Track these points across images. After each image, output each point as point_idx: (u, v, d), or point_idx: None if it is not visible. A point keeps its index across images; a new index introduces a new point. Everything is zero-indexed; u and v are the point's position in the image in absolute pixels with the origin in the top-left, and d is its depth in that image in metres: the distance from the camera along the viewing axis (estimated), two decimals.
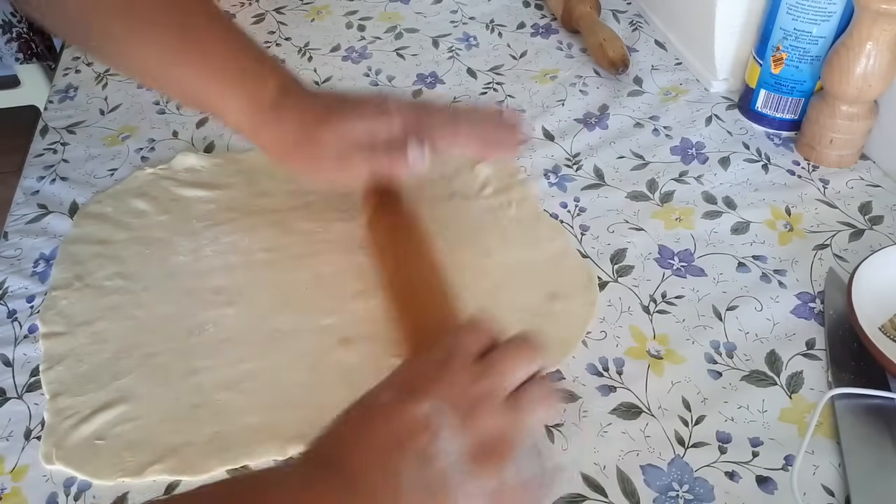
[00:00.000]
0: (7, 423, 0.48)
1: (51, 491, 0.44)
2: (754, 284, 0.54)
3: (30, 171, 0.66)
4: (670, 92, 0.72)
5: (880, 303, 0.50)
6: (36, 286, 0.56)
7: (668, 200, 0.61)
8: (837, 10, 0.59)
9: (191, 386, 0.49)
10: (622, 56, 0.73)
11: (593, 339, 0.51)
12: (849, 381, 0.47)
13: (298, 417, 0.46)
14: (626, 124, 0.69)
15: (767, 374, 0.49)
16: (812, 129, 0.63)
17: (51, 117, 0.72)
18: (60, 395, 0.48)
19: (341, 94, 0.51)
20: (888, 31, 0.56)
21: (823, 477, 0.43)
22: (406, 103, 0.51)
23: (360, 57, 0.79)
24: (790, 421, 0.46)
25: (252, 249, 0.57)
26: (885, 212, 0.59)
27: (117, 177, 0.65)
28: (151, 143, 0.69)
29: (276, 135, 0.50)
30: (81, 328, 0.52)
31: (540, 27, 0.82)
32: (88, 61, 0.79)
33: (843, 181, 0.62)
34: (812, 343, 0.50)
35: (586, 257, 0.57)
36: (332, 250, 0.57)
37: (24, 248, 0.59)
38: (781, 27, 0.62)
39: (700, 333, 0.51)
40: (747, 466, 0.44)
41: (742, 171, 0.64)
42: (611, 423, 0.46)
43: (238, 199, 0.61)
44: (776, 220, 0.59)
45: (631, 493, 0.43)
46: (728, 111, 0.70)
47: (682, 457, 0.45)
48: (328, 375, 0.49)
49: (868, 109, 0.61)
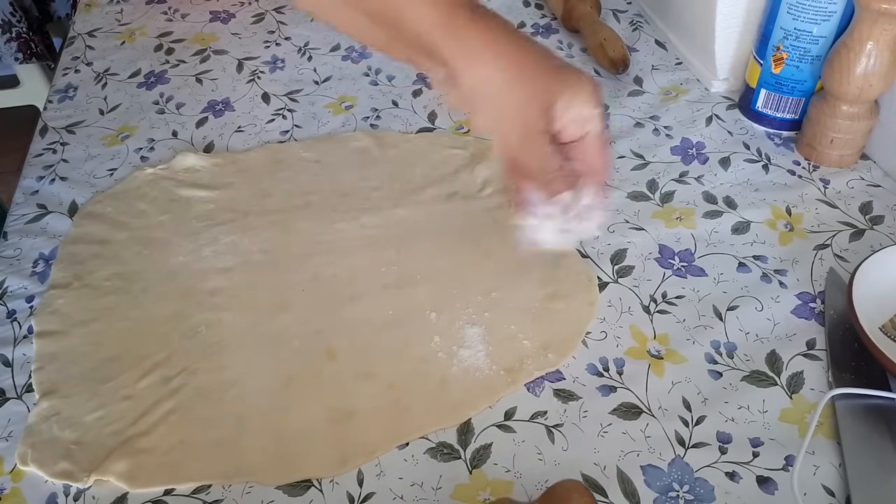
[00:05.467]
0: (7, 423, 0.48)
1: (50, 491, 0.44)
2: (755, 284, 0.54)
3: (29, 171, 0.66)
4: (671, 92, 0.72)
5: (881, 303, 0.50)
6: (35, 286, 0.56)
7: (668, 200, 0.61)
8: (838, 10, 0.59)
9: (169, 391, 0.48)
10: (622, 56, 0.73)
11: (593, 340, 0.51)
12: (849, 381, 0.47)
13: (260, 441, 0.46)
14: (626, 124, 0.69)
15: (768, 375, 0.49)
16: (812, 129, 0.63)
17: (50, 117, 0.72)
18: (51, 394, 0.48)
19: (556, 61, 0.45)
20: (889, 31, 0.56)
21: (824, 477, 0.43)
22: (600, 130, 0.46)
23: (360, 56, 0.79)
24: (791, 421, 0.46)
25: (251, 250, 0.57)
26: (886, 212, 0.59)
27: (117, 177, 0.65)
28: (151, 143, 0.69)
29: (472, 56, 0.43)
30: (76, 328, 0.52)
31: (540, 27, 0.82)
32: (88, 61, 0.79)
33: (844, 181, 0.62)
34: (812, 343, 0.50)
35: (586, 257, 0.57)
36: (331, 251, 0.57)
37: (24, 248, 0.59)
38: (782, 27, 0.62)
39: (700, 333, 0.51)
40: (748, 467, 0.44)
41: (742, 170, 0.63)
42: (611, 424, 0.46)
43: (237, 200, 0.61)
44: (777, 220, 0.59)
45: (631, 494, 0.43)
46: (728, 111, 0.70)
47: (683, 457, 0.45)
48: (304, 394, 0.48)
49: (868, 109, 0.61)
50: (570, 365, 0.50)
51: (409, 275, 0.55)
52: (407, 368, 0.49)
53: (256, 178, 0.63)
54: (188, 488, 0.44)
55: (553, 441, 0.46)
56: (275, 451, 0.45)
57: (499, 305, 0.53)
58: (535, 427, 0.46)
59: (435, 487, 0.44)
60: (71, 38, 0.83)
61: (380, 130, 0.69)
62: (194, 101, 0.73)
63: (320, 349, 0.50)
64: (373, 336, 0.51)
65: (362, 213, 0.60)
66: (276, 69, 0.77)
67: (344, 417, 0.47)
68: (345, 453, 0.45)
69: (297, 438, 0.46)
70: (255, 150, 0.67)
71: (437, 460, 0.45)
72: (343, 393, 0.48)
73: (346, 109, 0.72)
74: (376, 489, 0.44)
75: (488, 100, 0.44)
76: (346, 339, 0.51)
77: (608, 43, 0.74)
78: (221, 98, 0.74)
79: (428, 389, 0.48)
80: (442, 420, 0.47)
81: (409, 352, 0.50)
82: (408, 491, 0.44)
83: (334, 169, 0.64)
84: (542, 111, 0.43)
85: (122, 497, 0.44)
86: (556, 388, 0.48)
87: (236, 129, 0.70)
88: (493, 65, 0.43)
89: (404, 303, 0.53)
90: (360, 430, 0.46)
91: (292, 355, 0.50)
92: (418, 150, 0.66)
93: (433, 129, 0.69)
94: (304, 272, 0.55)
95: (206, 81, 0.76)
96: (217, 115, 0.72)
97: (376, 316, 0.52)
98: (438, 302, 0.53)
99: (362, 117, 0.71)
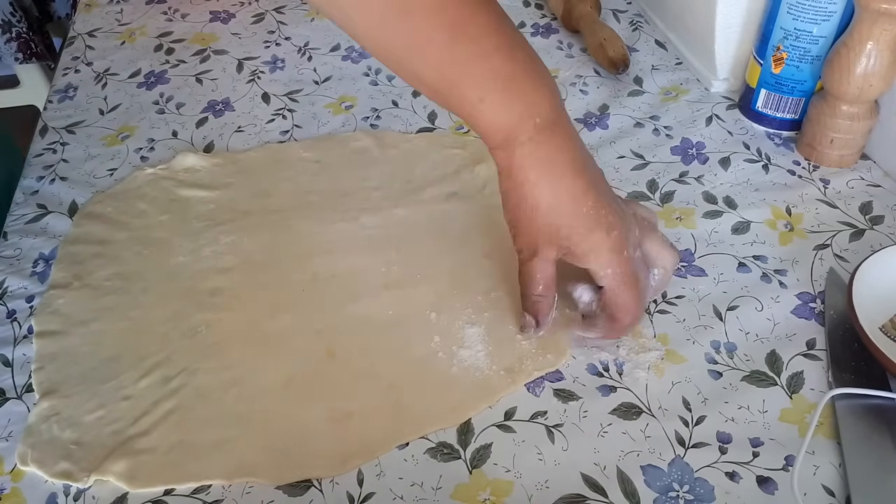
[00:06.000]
0: (7, 423, 0.48)
1: (50, 491, 0.44)
2: (755, 284, 0.54)
3: (29, 170, 0.66)
4: (671, 92, 0.72)
5: (881, 303, 0.50)
6: (35, 286, 0.56)
7: (668, 200, 0.61)
8: (838, 10, 0.59)
9: (169, 391, 0.48)
10: (622, 56, 0.73)
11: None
12: (849, 381, 0.47)
13: (260, 441, 0.46)
14: (626, 124, 0.69)
15: (768, 375, 0.49)
16: (812, 129, 0.63)
17: (50, 117, 0.72)
18: (51, 394, 0.48)
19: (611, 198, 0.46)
20: (889, 31, 0.56)
21: (824, 477, 0.43)
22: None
23: (360, 57, 0.79)
24: (791, 421, 0.46)
25: (251, 250, 0.57)
26: (886, 212, 0.59)
27: (117, 177, 0.65)
28: (151, 143, 0.69)
29: (521, 161, 0.44)
30: (76, 328, 0.52)
31: (540, 27, 0.82)
32: (88, 61, 0.79)
33: (844, 181, 0.62)
34: (812, 343, 0.50)
35: None
36: (331, 251, 0.57)
37: (24, 249, 0.59)
38: (782, 27, 0.62)
39: (700, 333, 0.51)
40: (748, 467, 0.44)
41: (742, 170, 0.63)
42: (611, 424, 0.46)
43: (237, 200, 0.61)
44: (777, 220, 0.59)
45: (631, 494, 0.43)
46: (728, 111, 0.70)
47: (683, 457, 0.45)
48: (304, 395, 0.48)
49: (868, 109, 0.61)
50: (570, 365, 0.50)
51: (409, 275, 0.55)
52: (407, 368, 0.49)
53: (256, 178, 0.63)
54: (188, 488, 0.44)
55: (553, 441, 0.46)
56: (275, 450, 0.45)
57: (499, 305, 0.52)
58: (535, 427, 0.46)
59: (435, 487, 0.44)
60: (71, 38, 0.83)
61: (380, 130, 0.69)
62: (194, 101, 0.73)
63: (320, 349, 0.50)
64: (373, 336, 0.51)
65: (362, 213, 0.60)
66: (276, 69, 0.77)
67: (344, 417, 0.47)
68: (345, 453, 0.45)
69: (296, 438, 0.46)
70: (255, 150, 0.67)
71: (437, 460, 0.45)
72: (343, 393, 0.48)
73: (346, 109, 0.72)
74: (376, 489, 0.44)
75: (517, 205, 0.46)
76: (346, 339, 0.51)
77: (608, 43, 0.74)
78: (221, 98, 0.74)
79: (428, 389, 0.48)
80: (442, 420, 0.47)
81: (409, 352, 0.50)
82: (408, 491, 0.44)
83: (334, 169, 0.64)
84: (554, 244, 0.45)
85: (122, 497, 0.44)
86: (556, 388, 0.48)
87: (236, 129, 0.70)
88: (536, 190, 0.44)
89: (404, 303, 0.53)
90: (360, 430, 0.46)
91: (292, 355, 0.50)
92: (418, 150, 0.66)
93: (433, 129, 0.69)
94: (304, 272, 0.55)
95: (206, 81, 0.76)
96: (217, 115, 0.72)
97: (376, 316, 0.52)
98: (438, 302, 0.53)
99: (362, 117, 0.71)
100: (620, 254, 0.45)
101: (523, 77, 0.44)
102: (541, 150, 0.44)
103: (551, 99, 0.44)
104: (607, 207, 0.45)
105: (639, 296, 0.47)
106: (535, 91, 0.44)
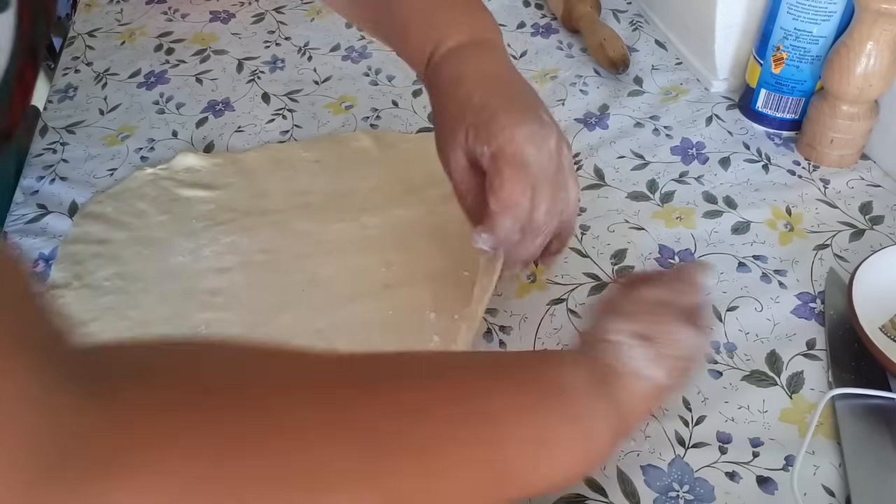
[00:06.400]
0: None
1: None
2: (755, 284, 0.54)
3: (29, 170, 0.66)
4: (670, 92, 0.72)
5: (881, 303, 0.50)
6: None
7: (668, 200, 0.61)
8: (838, 10, 0.59)
9: None
10: (622, 56, 0.73)
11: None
12: (849, 381, 0.47)
13: None
14: (626, 124, 0.69)
15: (768, 375, 0.49)
16: (812, 129, 0.63)
17: (50, 117, 0.72)
18: None
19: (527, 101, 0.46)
20: (889, 31, 0.56)
21: (824, 477, 0.43)
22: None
23: (360, 56, 0.79)
24: (790, 421, 0.46)
25: (251, 250, 0.57)
26: (886, 212, 0.59)
27: (117, 177, 0.65)
28: (151, 143, 0.69)
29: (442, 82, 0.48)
30: (76, 328, 0.52)
31: (540, 27, 0.82)
32: (88, 61, 0.79)
33: (844, 181, 0.62)
34: (812, 343, 0.50)
35: (586, 257, 0.57)
36: (330, 251, 0.57)
37: (24, 248, 0.59)
38: (782, 27, 0.62)
39: None
40: (748, 467, 0.44)
41: (742, 170, 0.63)
42: None
43: (237, 200, 0.61)
44: (777, 220, 0.59)
45: (631, 494, 0.43)
46: (728, 111, 0.70)
47: (683, 457, 0.45)
48: None
49: (868, 109, 0.61)
50: None
51: (409, 275, 0.55)
52: None
53: (256, 178, 0.63)
54: None
55: None
56: None
57: None
58: None
59: None
60: (71, 38, 0.83)
61: (380, 130, 0.69)
62: (194, 101, 0.73)
63: (320, 349, 0.50)
64: (373, 336, 0.51)
65: (362, 213, 0.60)
66: (276, 69, 0.77)
67: None
68: None
69: None
70: (255, 150, 0.67)
71: None
72: None
73: (346, 109, 0.72)
74: None
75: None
76: (346, 339, 0.51)
77: (608, 43, 0.74)
78: (221, 98, 0.74)
79: None
80: None
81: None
82: None
83: (334, 169, 0.64)
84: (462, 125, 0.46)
85: None
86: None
87: (236, 129, 0.70)
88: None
89: (404, 303, 0.53)
90: None
91: None
92: (418, 150, 0.66)
93: (433, 129, 0.69)
94: (303, 272, 0.55)
95: (206, 81, 0.76)
96: (217, 115, 0.72)
97: (376, 316, 0.52)
98: (438, 302, 0.53)
99: (362, 117, 0.71)
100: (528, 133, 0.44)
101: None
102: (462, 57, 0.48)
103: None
104: (534, 103, 0.46)
105: (525, 181, 0.43)
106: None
